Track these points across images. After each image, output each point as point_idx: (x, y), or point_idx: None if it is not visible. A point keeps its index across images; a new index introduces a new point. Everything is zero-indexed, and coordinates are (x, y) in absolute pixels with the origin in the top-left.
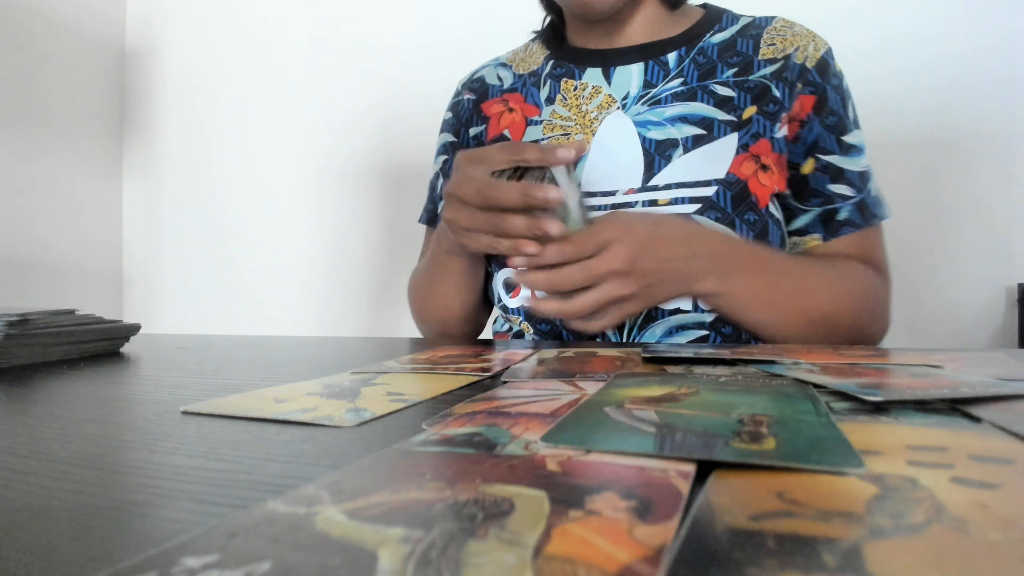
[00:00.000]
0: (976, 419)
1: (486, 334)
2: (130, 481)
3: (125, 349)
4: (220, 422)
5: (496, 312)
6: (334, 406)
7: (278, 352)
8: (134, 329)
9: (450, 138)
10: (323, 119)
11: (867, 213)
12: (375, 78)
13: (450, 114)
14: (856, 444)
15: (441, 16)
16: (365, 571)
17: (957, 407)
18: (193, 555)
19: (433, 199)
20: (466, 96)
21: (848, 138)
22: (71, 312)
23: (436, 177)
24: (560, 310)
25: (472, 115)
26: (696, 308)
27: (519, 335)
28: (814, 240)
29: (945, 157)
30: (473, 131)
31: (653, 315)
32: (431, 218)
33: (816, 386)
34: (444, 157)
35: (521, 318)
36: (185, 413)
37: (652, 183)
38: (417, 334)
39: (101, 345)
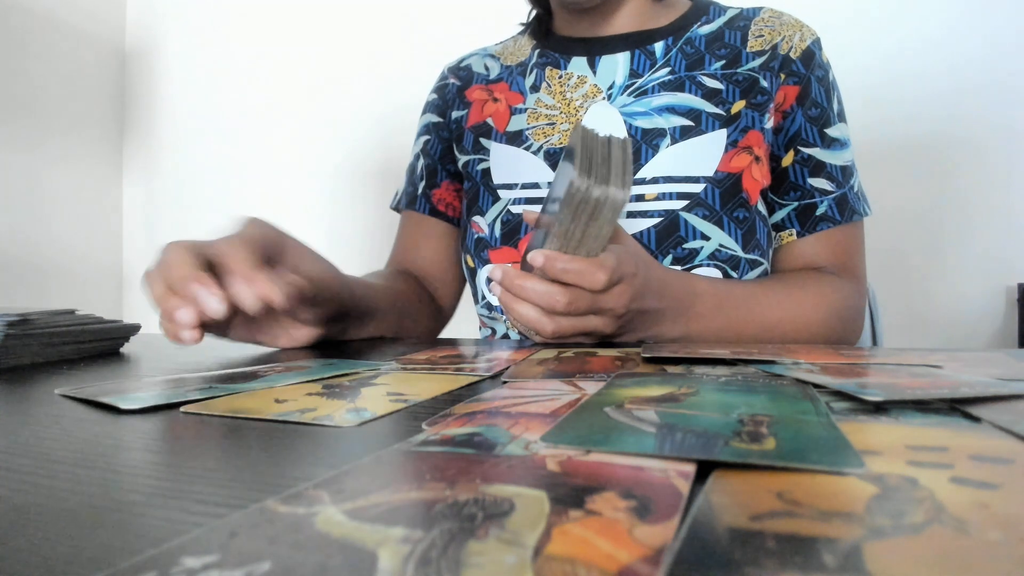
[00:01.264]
0: (976, 419)
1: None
2: (130, 481)
3: (125, 349)
4: (220, 422)
5: (477, 319)
6: (334, 406)
7: (277, 352)
8: (134, 329)
9: (434, 118)
10: (323, 118)
11: (847, 209)
12: (376, 77)
13: (435, 96)
14: (856, 444)
15: (441, 16)
16: (365, 571)
17: (957, 407)
18: (193, 555)
19: (412, 181)
20: (451, 81)
21: (831, 131)
22: (71, 312)
23: (416, 159)
24: (540, 325)
25: (456, 99)
26: None
27: (504, 339)
28: (790, 236)
29: (945, 158)
30: (455, 114)
31: None
32: (410, 200)
33: (816, 386)
34: (426, 138)
35: (505, 316)
36: (186, 413)
37: (640, 175)
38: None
39: (101, 345)
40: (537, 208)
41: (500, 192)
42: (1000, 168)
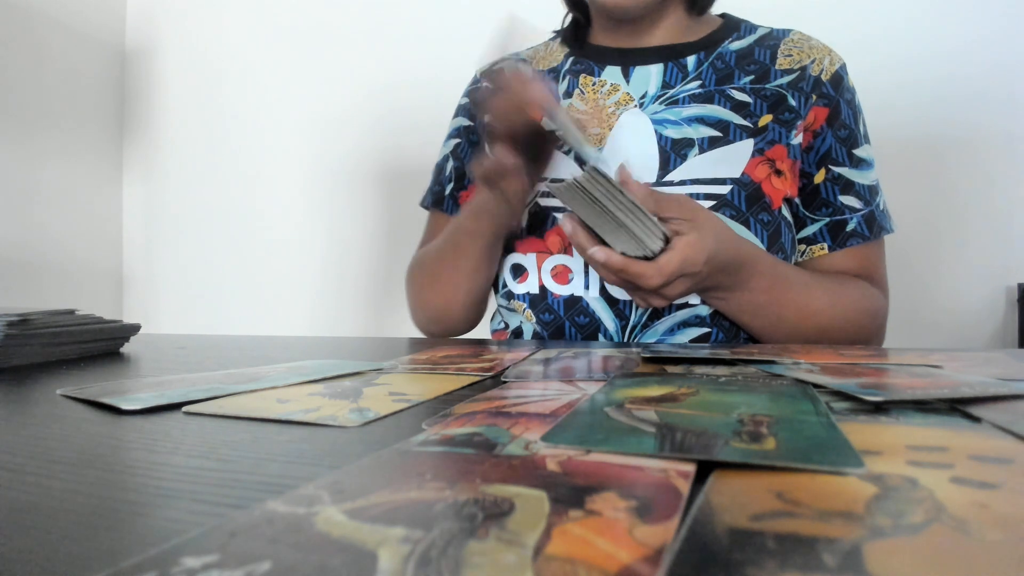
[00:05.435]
0: (976, 419)
1: (484, 332)
2: (130, 481)
3: (125, 349)
4: (220, 422)
5: (491, 310)
6: (337, 406)
7: (278, 352)
8: (134, 329)
9: (464, 122)
10: (324, 118)
11: (875, 226)
12: (377, 78)
13: (466, 99)
14: (856, 444)
15: (440, 18)
16: (365, 571)
17: (957, 407)
18: (193, 555)
19: (440, 181)
20: (484, 83)
21: (859, 152)
22: (71, 312)
23: (444, 160)
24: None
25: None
26: (702, 300)
27: (517, 333)
28: (821, 249)
29: (945, 157)
30: (488, 117)
31: (659, 311)
32: (436, 200)
33: (816, 386)
34: (456, 140)
35: (526, 305)
36: (187, 413)
37: (667, 179)
38: (416, 333)
39: (101, 345)
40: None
41: None
42: (1000, 168)
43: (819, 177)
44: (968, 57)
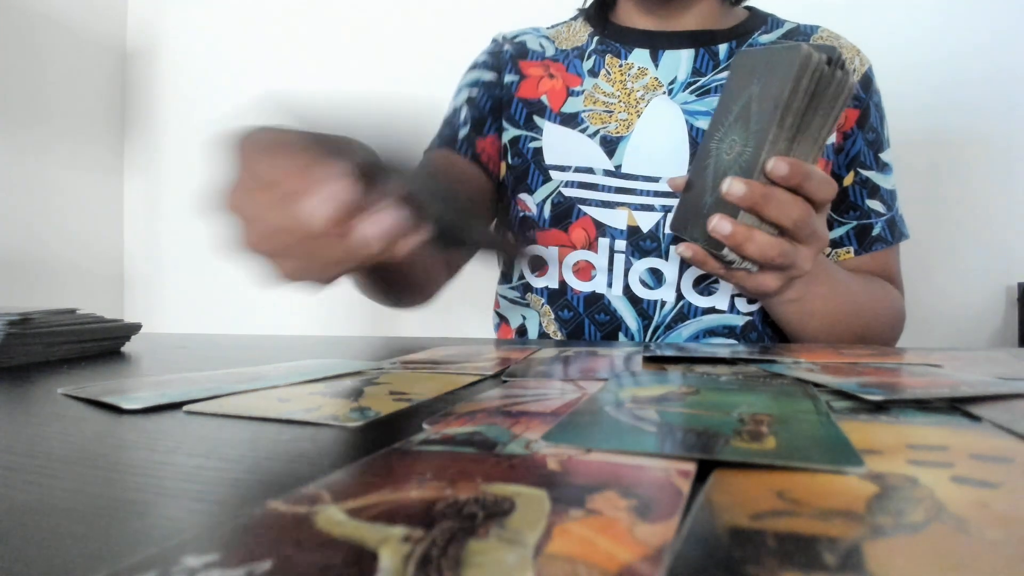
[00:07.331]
0: (976, 418)
1: (488, 332)
2: (130, 481)
3: (126, 348)
4: (221, 422)
5: (486, 312)
6: (338, 405)
7: (279, 351)
8: (135, 328)
9: (487, 75)
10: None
11: (896, 231)
12: (377, 77)
13: (487, 57)
14: (856, 443)
15: (441, 18)
16: (366, 570)
17: (957, 406)
18: (193, 554)
19: (451, 124)
20: (507, 47)
21: (883, 156)
22: (72, 311)
23: (456, 112)
24: (767, 247)
25: (509, 64)
26: (731, 309)
27: (521, 331)
28: (847, 253)
29: (944, 157)
30: (508, 78)
31: (686, 313)
32: (447, 142)
33: (816, 385)
34: (474, 90)
35: (544, 300)
36: (188, 413)
37: None
38: (417, 334)
39: (102, 344)
40: (590, 193)
41: (552, 173)
42: (1000, 167)
43: (848, 180)
44: (969, 56)
